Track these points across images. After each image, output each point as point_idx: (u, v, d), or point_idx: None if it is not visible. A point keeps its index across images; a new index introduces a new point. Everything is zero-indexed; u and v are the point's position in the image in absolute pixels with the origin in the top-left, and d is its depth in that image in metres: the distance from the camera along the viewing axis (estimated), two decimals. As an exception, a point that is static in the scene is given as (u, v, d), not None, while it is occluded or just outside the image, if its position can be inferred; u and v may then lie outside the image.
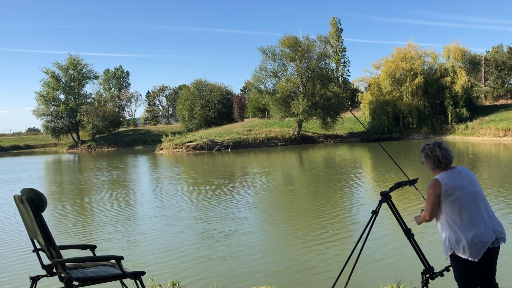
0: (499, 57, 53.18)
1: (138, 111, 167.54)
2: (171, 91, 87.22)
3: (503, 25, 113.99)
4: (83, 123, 66.37)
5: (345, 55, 64.37)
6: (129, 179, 21.84)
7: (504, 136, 37.47)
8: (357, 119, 5.43)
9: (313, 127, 49.41)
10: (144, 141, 62.04)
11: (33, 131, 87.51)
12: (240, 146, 43.55)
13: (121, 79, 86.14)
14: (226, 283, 6.39)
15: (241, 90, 77.32)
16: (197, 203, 13.65)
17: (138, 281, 3.54)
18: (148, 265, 7.32)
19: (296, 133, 47.02)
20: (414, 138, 44.90)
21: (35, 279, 3.40)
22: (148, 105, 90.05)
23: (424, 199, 3.40)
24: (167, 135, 48.50)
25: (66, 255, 3.63)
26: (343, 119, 48.27)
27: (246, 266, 7.26)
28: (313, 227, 9.62)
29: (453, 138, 41.56)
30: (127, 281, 3.82)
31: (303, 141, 46.56)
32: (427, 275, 3.82)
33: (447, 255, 3.33)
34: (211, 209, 12.22)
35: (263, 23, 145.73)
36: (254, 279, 6.45)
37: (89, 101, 69.24)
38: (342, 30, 62.96)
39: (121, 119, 79.21)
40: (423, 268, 3.88)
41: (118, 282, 3.76)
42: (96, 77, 70.57)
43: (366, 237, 4.16)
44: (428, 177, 3.63)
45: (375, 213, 4.11)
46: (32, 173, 28.10)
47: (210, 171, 23.99)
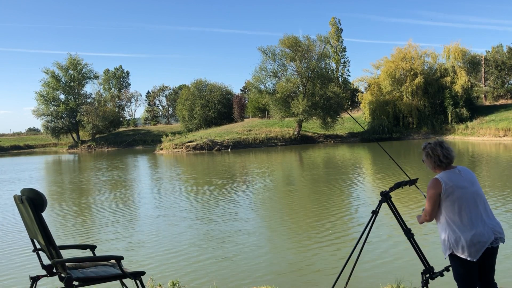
0: (499, 57, 53.18)
1: (138, 111, 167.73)
2: (171, 91, 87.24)
3: (503, 25, 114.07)
4: (83, 123, 66.38)
5: (345, 55, 64.43)
6: (130, 179, 21.84)
7: (504, 136, 37.47)
8: (354, 119, 5.43)
9: (313, 127, 49.41)
10: (144, 141, 62.04)
11: (33, 131, 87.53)
12: (240, 146, 43.55)
13: (121, 79, 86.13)
14: (226, 283, 6.39)
15: (241, 90, 77.36)
16: (198, 203, 13.65)
17: (138, 281, 3.54)
18: (148, 265, 7.32)
19: (296, 133, 47.02)
20: (414, 138, 44.90)
21: (35, 279, 3.40)
22: (148, 105, 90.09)
23: (425, 197, 3.41)
24: (167, 135, 48.51)
25: (66, 255, 3.63)
26: (343, 119, 48.28)
27: (246, 266, 7.26)
28: (313, 227, 9.62)
29: (453, 138, 41.55)
30: (127, 281, 3.82)
31: (303, 141, 46.57)
32: (427, 275, 3.82)
33: (445, 255, 3.34)
34: (212, 209, 12.22)
35: (263, 23, 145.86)
36: (254, 279, 6.45)
37: (89, 101, 69.27)
38: (342, 30, 63.02)
39: (121, 119, 79.22)
40: (423, 268, 3.88)
41: (118, 282, 3.76)
42: (96, 77, 70.67)
43: (366, 237, 4.16)
44: (428, 176, 3.63)
45: (375, 213, 4.11)
46: (32, 173, 28.10)
47: (210, 171, 23.99)
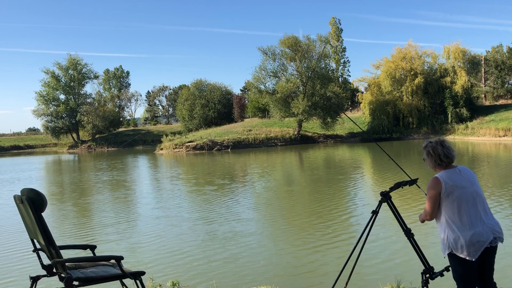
0: (499, 57, 53.16)
1: (138, 111, 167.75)
2: (171, 91, 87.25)
3: (503, 25, 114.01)
4: (83, 123, 66.39)
5: (345, 55, 64.41)
6: (130, 179, 21.84)
7: (504, 136, 37.47)
8: (352, 120, 5.41)
9: (313, 127, 49.41)
10: (144, 141, 62.04)
11: (33, 131, 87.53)
12: (240, 146, 43.55)
13: (121, 79, 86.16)
14: (226, 283, 6.39)
15: (241, 90, 77.37)
16: (199, 203, 13.65)
17: (138, 281, 3.54)
18: (148, 265, 7.32)
19: (296, 133, 47.01)
20: (414, 138, 44.91)
21: (35, 279, 3.40)
22: (148, 105, 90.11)
23: (426, 195, 3.41)
24: (167, 135, 48.51)
25: (66, 255, 3.63)
26: (343, 119, 48.26)
27: (246, 266, 7.26)
28: (313, 227, 9.62)
29: (453, 138, 41.55)
30: (127, 281, 3.82)
31: (303, 141, 46.56)
32: (427, 275, 3.83)
33: (445, 254, 3.35)
34: (212, 210, 12.22)
35: (263, 23, 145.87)
36: (254, 279, 6.45)
37: (89, 101, 69.28)
38: (342, 30, 63.00)
39: (121, 119, 79.21)
40: (423, 268, 3.88)
41: (118, 282, 3.76)
42: (96, 77, 70.71)
43: (366, 237, 4.17)
44: (428, 176, 3.63)
45: (375, 213, 4.11)
46: (32, 173, 28.09)
47: (210, 171, 23.99)
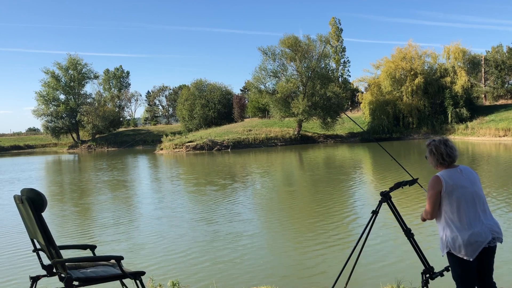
0: (499, 57, 53.16)
1: (138, 111, 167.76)
2: (171, 91, 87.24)
3: (503, 25, 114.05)
4: (83, 123, 66.39)
5: (345, 55, 64.43)
6: (130, 180, 21.84)
7: (504, 136, 37.47)
8: (352, 120, 5.42)
9: (313, 127, 49.41)
10: (144, 141, 62.04)
11: (33, 131, 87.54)
12: (240, 146, 43.55)
13: (121, 79, 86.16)
14: (226, 283, 6.39)
15: (241, 90, 77.37)
16: (199, 203, 13.65)
17: (138, 281, 3.54)
18: (148, 265, 7.32)
19: (296, 133, 47.01)
20: (414, 138, 44.91)
21: (35, 279, 3.40)
22: (148, 105, 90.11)
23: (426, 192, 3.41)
24: (167, 135, 48.50)
25: (66, 255, 3.63)
26: (343, 119, 48.26)
27: (246, 266, 7.26)
28: (313, 228, 9.62)
29: (453, 138, 41.51)
30: (127, 281, 3.82)
31: (303, 141, 46.56)
32: (427, 275, 3.83)
33: (443, 252, 3.37)
34: (213, 210, 12.22)
35: (263, 23, 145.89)
36: (254, 279, 6.45)
37: (89, 101, 69.28)
38: (342, 30, 63.00)
39: (121, 119, 79.22)
40: (423, 268, 3.88)
41: (118, 282, 3.76)
42: (96, 77, 70.70)
43: (366, 237, 4.17)
44: (428, 177, 3.63)
45: (375, 213, 4.11)
46: (32, 173, 28.09)
47: (211, 171, 23.99)
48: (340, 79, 63.47)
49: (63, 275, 3.30)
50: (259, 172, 22.37)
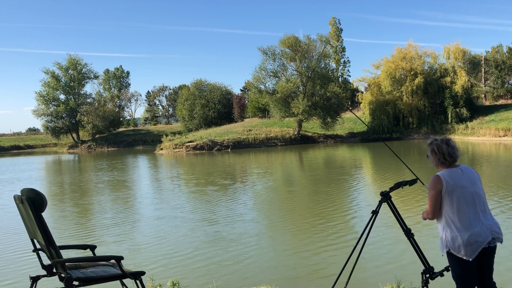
0: (499, 57, 53.15)
1: (138, 111, 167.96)
2: (171, 91, 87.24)
3: (503, 25, 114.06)
4: (83, 123, 66.39)
5: (345, 55, 64.42)
6: (131, 180, 21.84)
7: (504, 136, 37.47)
8: (359, 118, 5.42)
9: (313, 127, 49.40)
10: (144, 141, 62.05)
11: (33, 131, 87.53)
12: (240, 146, 43.54)
13: (121, 79, 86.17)
14: (226, 283, 6.39)
15: (241, 90, 77.36)
16: (200, 204, 13.65)
17: (138, 281, 3.54)
18: (148, 265, 7.32)
19: (296, 133, 47.01)
20: (414, 138, 44.90)
21: (35, 279, 3.40)
22: (148, 105, 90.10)
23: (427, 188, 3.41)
24: (167, 135, 48.50)
25: (66, 255, 3.63)
26: (343, 119, 48.27)
27: (246, 266, 7.26)
28: (313, 228, 9.62)
29: (453, 138, 41.37)
30: (127, 281, 3.81)
31: (303, 141, 46.55)
32: (427, 275, 3.83)
33: (443, 252, 3.37)
34: (213, 210, 12.22)
35: (263, 23, 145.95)
36: (254, 279, 6.45)
37: (89, 101, 69.29)
38: (342, 30, 62.99)
39: (121, 119, 79.22)
40: (423, 268, 3.88)
41: (118, 282, 3.76)
42: (96, 77, 70.71)
43: (366, 237, 4.17)
44: (428, 177, 3.63)
45: (375, 213, 4.11)
46: (32, 173, 28.09)
47: (211, 171, 23.99)
48: (340, 79, 63.45)
49: (63, 275, 3.30)
50: (259, 172, 22.37)
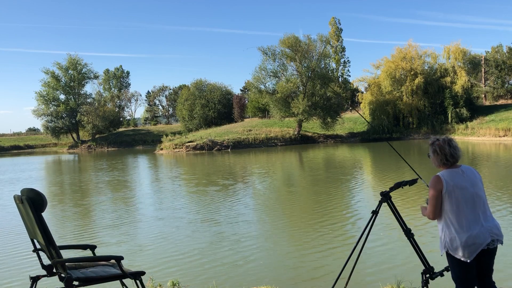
0: (499, 57, 53.15)
1: (138, 111, 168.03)
2: (171, 91, 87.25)
3: (503, 25, 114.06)
4: (83, 123, 66.40)
5: (345, 55, 64.46)
6: (131, 180, 21.84)
7: (504, 136, 37.46)
8: (360, 115, 5.43)
9: (313, 127, 49.40)
10: (144, 141, 62.05)
11: (33, 131, 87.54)
12: (240, 146, 43.54)
13: (121, 79, 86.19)
14: (226, 283, 6.39)
15: (241, 90, 77.38)
16: (200, 204, 13.65)
17: (138, 281, 3.54)
18: (148, 265, 7.32)
19: (296, 133, 47.01)
20: (414, 138, 44.89)
21: (35, 279, 3.40)
22: (148, 105, 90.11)
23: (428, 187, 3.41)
24: (167, 135, 48.50)
25: (66, 255, 3.62)
26: (343, 119, 48.27)
27: (246, 266, 7.25)
28: (313, 228, 9.62)
29: (453, 138, 41.50)
30: (127, 281, 3.82)
31: (303, 141, 46.55)
32: (427, 275, 3.82)
33: (442, 252, 3.37)
34: (213, 211, 12.22)
35: (263, 23, 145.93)
36: (254, 279, 6.45)
37: (89, 101, 69.31)
38: (342, 30, 63.04)
39: (121, 119, 79.23)
40: (423, 268, 3.88)
41: (118, 282, 3.75)
42: (96, 77, 70.75)
43: (366, 237, 4.16)
44: (428, 176, 3.63)
45: (375, 213, 4.11)
46: (32, 173, 28.09)
47: (211, 171, 23.99)
48: (340, 79, 63.47)
49: (63, 275, 3.30)
50: (259, 172, 22.37)
